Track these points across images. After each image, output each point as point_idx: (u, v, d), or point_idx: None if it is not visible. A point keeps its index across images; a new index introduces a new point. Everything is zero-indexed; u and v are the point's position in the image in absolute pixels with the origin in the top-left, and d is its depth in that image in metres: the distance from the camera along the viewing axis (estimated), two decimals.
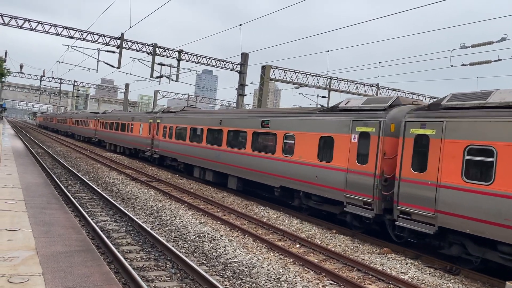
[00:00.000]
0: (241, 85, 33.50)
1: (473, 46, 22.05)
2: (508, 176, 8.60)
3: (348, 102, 13.50)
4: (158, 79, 33.16)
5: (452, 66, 25.02)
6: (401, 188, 10.70)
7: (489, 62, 23.98)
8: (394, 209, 10.90)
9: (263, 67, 34.50)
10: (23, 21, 28.61)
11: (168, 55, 32.73)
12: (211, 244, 10.09)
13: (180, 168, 23.97)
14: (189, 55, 33.63)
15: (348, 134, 12.56)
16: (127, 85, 67.69)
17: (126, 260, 8.10)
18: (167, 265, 8.40)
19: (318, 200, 13.79)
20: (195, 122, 22.22)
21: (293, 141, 14.85)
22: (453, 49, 23.46)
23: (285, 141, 15.25)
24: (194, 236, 10.69)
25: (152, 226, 11.56)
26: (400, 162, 10.84)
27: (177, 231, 11.18)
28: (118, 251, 8.63)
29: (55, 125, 74.00)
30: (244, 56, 33.85)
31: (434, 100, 43.14)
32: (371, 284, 8.46)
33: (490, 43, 21.37)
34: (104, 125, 39.71)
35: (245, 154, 17.28)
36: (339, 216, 13.17)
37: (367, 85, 42.01)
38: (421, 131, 10.42)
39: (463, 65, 24.86)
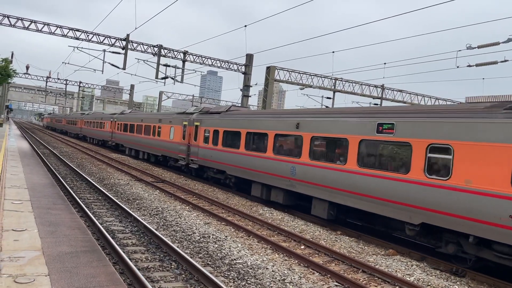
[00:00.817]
0: (246, 86, 33.53)
1: (479, 47, 21.94)
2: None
3: None
4: (163, 80, 33.29)
5: (458, 67, 24.93)
6: None
7: (495, 63, 23.85)
8: None
9: (268, 68, 34.51)
10: (29, 22, 28.81)
11: (173, 56, 32.83)
12: (216, 245, 10.09)
13: (229, 183, 19.55)
14: (194, 56, 33.71)
15: None
16: (132, 86, 67.96)
17: (131, 261, 8.12)
18: (172, 266, 8.41)
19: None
20: (254, 126, 17.47)
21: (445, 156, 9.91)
22: (459, 50, 23.37)
23: (429, 155, 10.22)
24: (199, 237, 10.70)
25: (157, 227, 11.58)
26: None
27: (182, 231, 11.20)
28: (123, 252, 8.65)
29: (64, 126, 70.34)
30: (249, 57, 33.88)
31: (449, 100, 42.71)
32: (376, 286, 8.42)
33: (497, 44, 21.25)
34: (123, 128, 35.40)
35: (345, 171, 12.48)
36: None
37: (372, 86, 41.91)
38: None
39: (469, 66, 24.74)
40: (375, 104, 42.70)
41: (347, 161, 12.50)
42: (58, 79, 63.04)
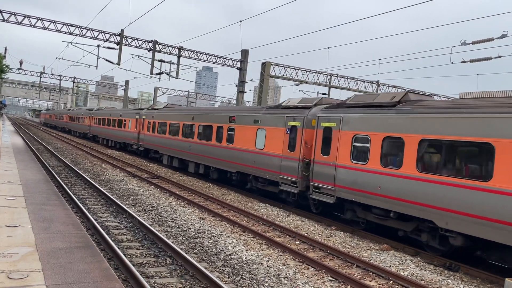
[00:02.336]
0: (241, 82, 33.46)
1: (473, 43, 22.01)
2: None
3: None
4: (158, 76, 33.11)
5: (452, 62, 25.00)
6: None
7: (489, 59, 23.93)
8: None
9: (263, 64, 34.44)
10: (23, 17, 28.54)
11: (168, 51, 32.67)
12: (211, 241, 10.10)
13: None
14: (189, 52, 33.57)
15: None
16: (127, 82, 67.64)
17: (126, 257, 8.10)
18: (167, 262, 8.40)
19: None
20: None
21: None
22: (454, 46, 23.43)
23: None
24: (194, 233, 10.69)
25: (152, 223, 11.57)
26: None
27: (177, 227, 11.19)
28: (118, 248, 8.63)
29: (66, 124, 63.04)
30: (244, 53, 33.78)
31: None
32: (370, 281, 8.46)
33: (491, 39, 21.32)
34: (158, 127, 27.36)
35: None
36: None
37: (367, 82, 41.96)
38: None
39: (464, 62, 24.82)
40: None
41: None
42: (52, 74, 62.66)
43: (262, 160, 16.14)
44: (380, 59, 31.61)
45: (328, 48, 30.68)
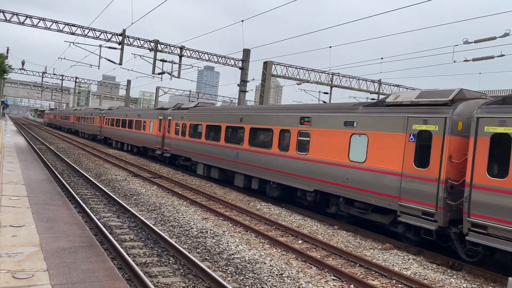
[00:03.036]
0: (243, 82, 33.47)
1: (476, 41, 21.97)
2: None
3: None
4: (159, 76, 33.19)
5: (454, 61, 24.96)
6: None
7: (492, 57, 23.89)
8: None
9: (265, 63, 34.46)
10: (25, 17, 28.61)
11: (170, 51, 32.71)
12: (214, 240, 10.12)
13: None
14: (191, 51, 33.60)
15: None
16: (128, 82, 67.72)
17: (129, 256, 8.13)
18: (170, 261, 8.43)
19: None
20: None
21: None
22: (456, 45, 23.40)
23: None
24: (196, 232, 10.72)
25: (155, 222, 11.60)
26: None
27: (180, 227, 11.22)
28: (121, 247, 8.67)
29: (73, 125, 58.06)
30: (246, 52, 33.80)
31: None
32: (373, 280, 8.47)
33: (493, 38, 21.29)
34: (189, 130, 23.20)
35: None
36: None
37: (369, 81, 41.93)
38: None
39: (466, 60, 24.78)
40: (372, 99, 42.72)
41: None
42: (54, 74, 62.73)
43: (361, 178, 11.99)
44: (382, 58, 31.59)
45: (330, 47, 30.67)
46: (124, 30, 30.62)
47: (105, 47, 31.13)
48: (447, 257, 10.16)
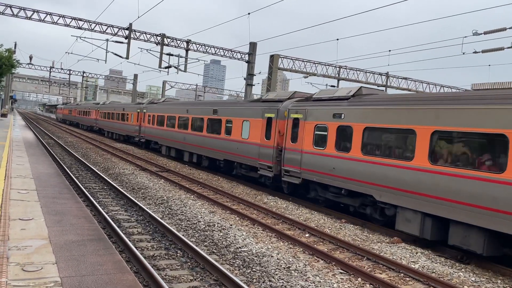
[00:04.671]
0: (250, 75, 33.38)
1: (485, 33, 21.67)
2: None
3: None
4: (166, 70, 33.20)
5: (464, 53, 24.67)
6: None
7: (501, 49, 23.57)
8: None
9: (272, 57, 34.31)
10: (32, 12, 28.71)
11: (176, 45, 32.68)
12: (221, 234, 10.14)
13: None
14: (197, 45, 33.54)
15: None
16: (135, 76, 67.89)
17: (137, 249, 8.18)
18: (178, 254, 8.47)
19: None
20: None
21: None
22: (465, 36, 23.09)
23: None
24: (204, 226, 10.75)
25: (162, 216, 11.65)
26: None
27: (187, 220, 11.26)
28: (129, 240, 8.72)
29: (96, 122, 48.45)
30: (253, 46, 33.66)
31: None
32: (381, 273, 8.45)
33: (503, 29, 20.98)
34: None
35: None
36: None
37: (377, 73, 41.60)
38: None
39: (475, 52, 24.47)
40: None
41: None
42: (62, 69, 63.07)
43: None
44: (390, 51, 31.30)
45: (338, 39, 30.44)
46: (130, 24, 30.63)
47: (112, 41, 31.20)
48: (455, 250, 10.09)
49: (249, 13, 26.45)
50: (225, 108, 20.00)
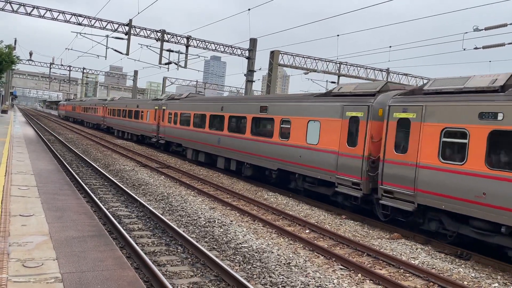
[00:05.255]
0: (250, 71, 33.32)
1: (486, 28, 21.60)
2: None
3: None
4: (166, 66, 33.16)
5: (464, 49, 24.60)
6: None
7: (502, 45, 23.48)
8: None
9: (272, 53, 34.24)
10: (32, 8, 28.64)
11: (177, 41, 32.62)
12: (221, 230, 10.16)
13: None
14: (197, 41, 33.47)
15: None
16: (135, 72, 67.80)
17: (137, 245, 8.19)
18: (178, 250, 8.48)
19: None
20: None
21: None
22: (466, 32, 23.01)
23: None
24: (204, 222, 10.77)
25: (163, 212, 11.67)
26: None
27: (188, 216, 11.27)
28: (130, 236, 8.74)
29: (103, 119, 44.72)
30: (253, 42, 33.58)
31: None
32: (381, 269, 8.47)
33: (504, 25, 20.91)
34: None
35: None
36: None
37: (377, 70, 41.53)
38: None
39: (476, 48, 24.40)
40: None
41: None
42: (62, 65, 63.04)
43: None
44: (390, 46, 31.22)
45: (338, 35, 30.37)
46: (130, 20, 30.55)
47: (112, 37, 31.12)
48: (455, 247, 10.11)
49: (249, 9, 26.37)
50: (280, 105, 15.93)
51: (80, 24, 30.10)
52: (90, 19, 30.24)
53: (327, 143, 13.44)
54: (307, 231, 10.99)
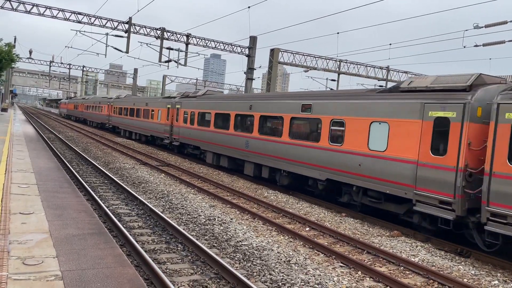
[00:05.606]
0: (250, 69, 33.30)
1: (486, 26, 21.58)
2: None
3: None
4: (166, 64, 33.12)
5: (465, 47, 24.58)
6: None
7: (502, 42, 23.48)
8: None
9: (272, 51, 34.21)
10: (31, 6, 28.59)
11: (176, 39, 32.59)
12: (221, 227, 10.17)
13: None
14: (197, 39, 33.44)
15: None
16: (135, 70, 67.75)
17: (138, 243, 8.20)
18: (178, 248, 8.49)
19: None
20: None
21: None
22: (466, 30, 22.98)
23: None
24: (204, 220, 10.78)
25: (163, 210, 11.67)
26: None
27: (188, 214, 11.28)
28: (130, 234, 8.74)
29: (108, 118, 42.63)
30: (253, 40, 33.55)
31: None
32: (381, 267, 8.47)
33: (504, 23, 20.88)
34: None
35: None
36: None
37: (378, 67, 41.51)
38: None
39: (476, 45, 24.39)
40: (380, 86, 42.38)
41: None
42: (62, 63, 62.99)
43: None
44: (390, 44, 31.20)
45: (338, 33, 30.33)
46: (130, 18, 30.52)
47: (112, 35, 31.09)
48: (455, 244, 10.12)
49: (249, 7, 26.33)
50: (328, 103, 13.52)
51: (79, 22, 30.06)
52: (90, 17, 30.20)
53: (399, 150, 10.99)
54: (307, 228, 10.99)
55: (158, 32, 31.86)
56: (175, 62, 32.38)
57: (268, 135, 16.34)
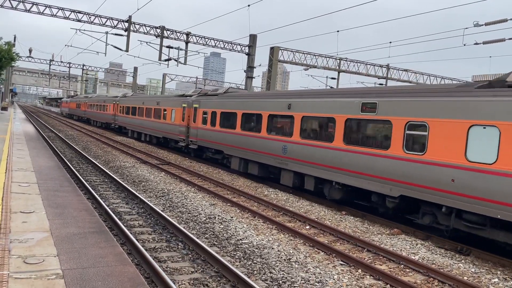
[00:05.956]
0: (250, 67, 33.26)
1: (486, 24, 21.55)
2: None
3: None
4: (166, 62, 33.09)
5: (465, 45, 24.55)
6: None
7: (503, 40, 23.45)
8: None
9: (272, 49, 34.17)
10: (31, 4, 28.56)
11: (176, 37, 32.55)
12: (222, 226, 10.18)
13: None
14: (197, 38, 33.40)
15: None
16: (135, 69, 67.69)
17: (138, 242, 8.21)
18: (179, 246, 8.50)
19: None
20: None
21: None
22: (466, 28, 22.97)
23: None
24: (204, 218, 10.79)
25: (163, 208, 11.68)
26: None
27: (188, 213, 11.29)
28: (131, 233, 8.75)
29: (113, 117, 40.68)
30: (253, 38, 33.51)
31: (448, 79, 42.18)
32: (381, 265, 8.49)
33: (504, 20, 20.86)
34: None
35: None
36: None
37: (377, 65, 41.47)
38: None
39: (476, 43, 24.36)
40: (380, 84, 42.37)
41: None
42: (61, 62, 62.97)
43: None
44: (390, 42, 31.16)
45: (338, 31, 30.29)
46: (130, 17, 30.48)
47: (112, 34, 31.06)
48: (455, 242, 10.13)
49: (249, 5, 26.30)
50: (400, 101, 11.15)
51: (79, 20, 30.02)
52: (90, 16, 30.16)
53: None
54: (307, 227, 11.01)
55: (158, 30, 31.82)
56: (175, 60, 32.35)
57: (314, 140, 13.98)
